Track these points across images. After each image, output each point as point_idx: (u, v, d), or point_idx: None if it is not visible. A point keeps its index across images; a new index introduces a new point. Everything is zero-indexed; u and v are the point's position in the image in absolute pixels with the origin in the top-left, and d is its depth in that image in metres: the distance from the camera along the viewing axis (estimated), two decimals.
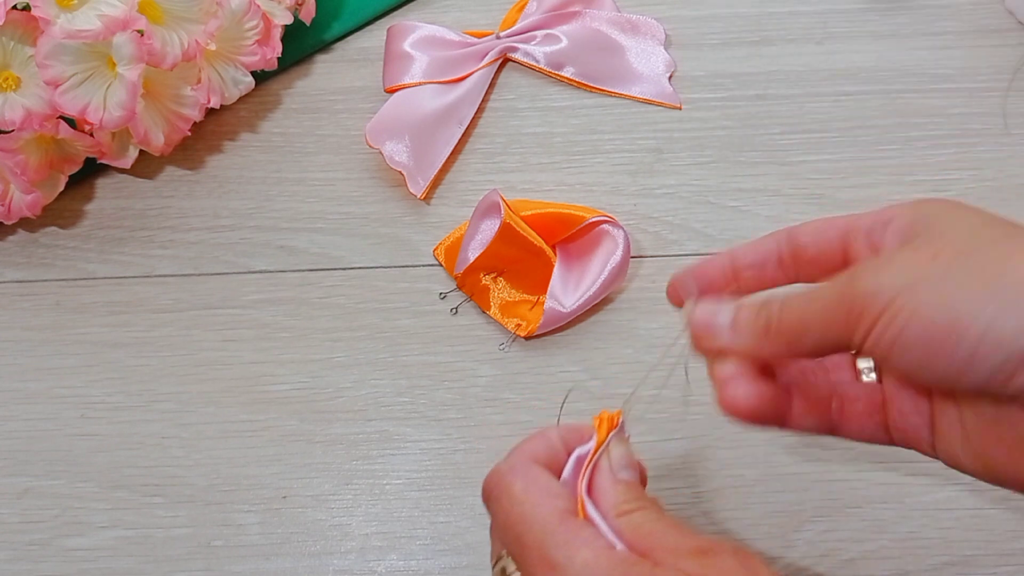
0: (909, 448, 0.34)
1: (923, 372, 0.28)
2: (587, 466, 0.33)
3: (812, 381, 0.35)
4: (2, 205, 0.51)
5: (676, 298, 0.35)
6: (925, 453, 0.34)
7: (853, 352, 0.35)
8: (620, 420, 0.34)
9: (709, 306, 0.33)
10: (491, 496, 0.32)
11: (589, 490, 0.32)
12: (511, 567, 0.31)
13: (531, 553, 0.30)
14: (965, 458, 0.32)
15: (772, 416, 0.33)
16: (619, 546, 0.30)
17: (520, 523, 0.31)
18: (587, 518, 0.31)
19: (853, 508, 0.46)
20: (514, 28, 0.59)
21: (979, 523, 0.45)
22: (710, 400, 0.33)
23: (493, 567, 0.33)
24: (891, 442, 0.34)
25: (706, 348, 0.33)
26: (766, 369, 0.33)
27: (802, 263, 0.34)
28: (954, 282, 0.27)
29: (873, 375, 0.35)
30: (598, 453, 0.33)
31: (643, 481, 0.34)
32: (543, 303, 0.50)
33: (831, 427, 0.34)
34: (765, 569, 0.29)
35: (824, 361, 0.36)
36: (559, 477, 0.33)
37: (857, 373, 0.35)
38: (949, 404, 0.32)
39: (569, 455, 0.33)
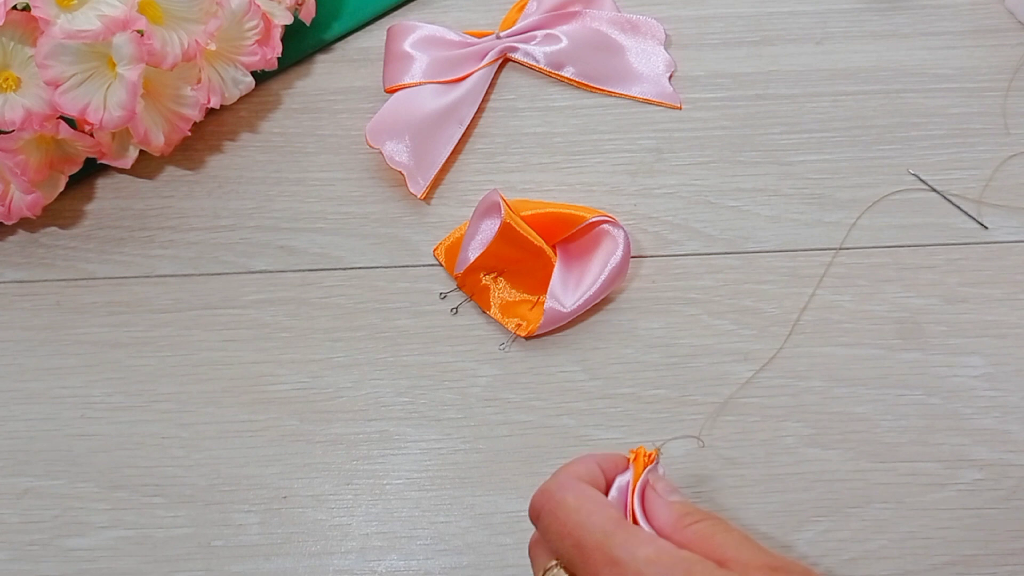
0: None
1: None
2: (632, 493, 0.34)
3: None
4: (2, 205, 0.51)
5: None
6: None
7: None
8: (656, 457, 0.34)
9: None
10: (543, 510, 0.33)
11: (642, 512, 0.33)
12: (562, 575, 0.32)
13: (592, 555, 0.30)
14: None
15: None
16: None
17: (578, 529, 0.31)
18: None
19: (853, 508, 0.46)
20: (514, 28, 0.59)
21: (979, 523, 0.45)
22: (710, 399, 0.33)
23: None
24: None
25: None
26: None
27: None
28: None
29: None
30: (637, 486, 0.34)
31: None
32: (543, 303, 0.50)
33: None
34: None
35: None
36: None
37: None
38: None
39: (609, 482, 0.34)
